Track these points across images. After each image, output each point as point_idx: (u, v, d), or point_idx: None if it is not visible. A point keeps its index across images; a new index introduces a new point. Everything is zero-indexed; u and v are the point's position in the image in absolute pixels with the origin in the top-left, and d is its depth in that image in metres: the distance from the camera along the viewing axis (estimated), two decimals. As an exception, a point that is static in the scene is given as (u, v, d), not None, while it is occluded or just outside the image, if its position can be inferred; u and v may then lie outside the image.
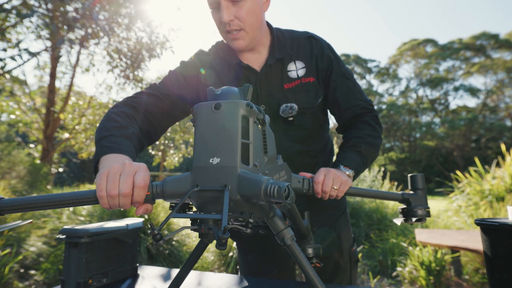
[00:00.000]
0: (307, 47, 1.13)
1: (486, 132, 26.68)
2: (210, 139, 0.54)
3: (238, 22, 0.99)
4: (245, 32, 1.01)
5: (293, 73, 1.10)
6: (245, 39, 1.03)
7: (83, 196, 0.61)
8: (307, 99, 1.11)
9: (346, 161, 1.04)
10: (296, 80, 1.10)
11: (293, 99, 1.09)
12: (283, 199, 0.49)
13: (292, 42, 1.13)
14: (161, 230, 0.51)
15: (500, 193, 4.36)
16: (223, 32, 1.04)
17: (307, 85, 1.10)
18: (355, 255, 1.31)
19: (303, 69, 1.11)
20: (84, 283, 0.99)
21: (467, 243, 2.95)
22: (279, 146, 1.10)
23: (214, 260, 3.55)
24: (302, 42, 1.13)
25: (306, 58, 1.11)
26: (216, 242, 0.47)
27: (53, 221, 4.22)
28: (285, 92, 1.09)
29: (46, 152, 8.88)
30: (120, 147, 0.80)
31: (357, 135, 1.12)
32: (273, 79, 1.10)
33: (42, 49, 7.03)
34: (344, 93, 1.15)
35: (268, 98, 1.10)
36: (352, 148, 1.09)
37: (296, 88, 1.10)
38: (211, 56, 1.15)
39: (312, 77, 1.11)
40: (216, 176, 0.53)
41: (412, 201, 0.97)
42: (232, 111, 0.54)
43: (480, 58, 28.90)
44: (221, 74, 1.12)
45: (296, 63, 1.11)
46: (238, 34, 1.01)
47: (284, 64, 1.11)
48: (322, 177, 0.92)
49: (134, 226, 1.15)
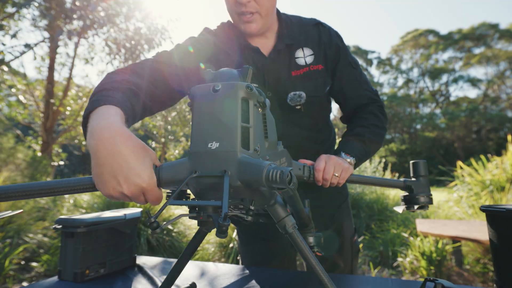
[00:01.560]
0: (315, 34, 1.09)
1: (487, 123, 26.61)
2: (209, 123, 0.52)
3: (255, 4, 0.96)
4: (260, 15, 0.98)
5: (301, 60, 1.07)
6: (258, 23, 1.00)
7: (81, 183, 0.57)
8: (315, 87, 1.08)
9: (348, 148, 1.02)
10: (304, 68, 1.07)
11: (301, 87, 1.06)
12: (286, 184, 0.46)
13: (300, 28, 1.10)
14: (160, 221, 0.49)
15: (501, 183, 4.34)
16: (236, 13, 0.99)
17: (316, 72, 1.07)
18: (356, 245, 1.31)
19: (311, 56, 1.07)
20: (81, 273, 0.98)
21: (468, 233, 2.94)
22: (286, 133, 1.08)
23: (215, 251, 3.55)
24: (310, 29, 1.10)
25: (314, 45, 1.08)
26: (216, 230, 0.45)
27: (53, 213, 4.22)
28: (293, 79, 1.06)
29: (46, 144, 8.86)
30: (110, 98, 0.66)
31: (361, 124, 1.09)
32: (281, 65, 1.06)
33: (40, 41, 6.97)
34: (350, 82, 1.12)
35: (275, 85, 1.06)
36: (355, 136, 1.06)
37: (304, 75, 1.07)
38: (218, 35, 1.10)
39: (320, 65, 1.08)
40: (215, 162, 0.51)
41: (414, 188, 0.95)
42: (231, 93, 0.52)
43: (480, 48, 28.71)
44: (226, 54, 1.07)
45: (304, 50, 1.07)
46: (252, 17, 0.98)
47: (292, 51, 1.07)
48: (323, 164, 0.89)
49: (132, 216, 1.13)
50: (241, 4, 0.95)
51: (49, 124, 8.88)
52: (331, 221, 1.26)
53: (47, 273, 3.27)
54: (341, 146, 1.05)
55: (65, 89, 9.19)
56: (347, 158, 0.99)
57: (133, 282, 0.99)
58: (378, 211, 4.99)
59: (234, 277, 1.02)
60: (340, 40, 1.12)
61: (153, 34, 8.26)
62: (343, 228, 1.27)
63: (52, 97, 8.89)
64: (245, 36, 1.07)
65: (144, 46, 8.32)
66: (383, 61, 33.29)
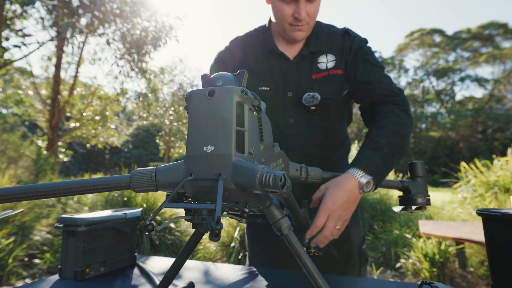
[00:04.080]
0: (340, 43, 1.14)
1: (493, 123, 26.41)
2: (204, 127, 0.52)
3: (308, 18, 1.05)
4: (309, 26, 1.08)
5: (323, 65, 1.13)
6: (306, 32, 1.09)
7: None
8: (332, 90, 1.11)
9: (363, 162, 0.91)
10: (324, 71, 1.12)
11: (318, 89, 1.10)
12: (278, 188, 0.47)
13: (328, 37, 1.15)
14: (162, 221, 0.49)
15: (506, 184, 4.31)
16: (287, 23, 1.06)
17: (334, 76, 1.12)
18: (364, 254, 1.26)
19: (333, 61, 1.13)
20: (81, 271, 0.99)
21: (472, 235, 2.92)
22: (300, 135, 1.13)
23: (216, 251, 3.56)
24: (337, 38, 1.15)
25: (337, 52, 1.13)
26: (210, 233, 0.45)
27: (57, 210, 4.25)
28: (312, 82, 1.11)
29: (52, 142, 8.94)
30: None
31: (378, 125, 1.00)
32: (303, 68, 1.13)
33: (48, 40, 7.03)
34: (368, 76, 1.10)
35: (295, 86, 1.13)
36: (371, 144, 0.95)
37: (323, 78, 1.12)
38: (248, 43, 1.19)
39: (340, 70, 1.12)
40: (210, 165, 0.51)
41: (411, 189, 0.94)
42: (226, 98, 0.52)
43: (487, 48, 28.47)
44: (252, 60, 1.16)
45: (328, 56, 1.13)
46: (303, 27, 1.06)
47: (315, 57, 1.13)
48: (322, 221, 0.83)
49: (132, 215, 1.14)
50: (297, 19, 1.04)
51: (55, 122, 8.95)
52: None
53: (50, 270, 3.30)
54: (355, 159, 0.94)
55: (71, 87, 9.26)
56: (361, 178, 0.88)
57: (132, 281, 1.00)
58: (381, 212, 4.97)
59: (232, 277, 1.03)
60: (362, 44, 1.14)
61: (159, 33, 8.30)
62: (351, 235, 1.21)
63: (58, 95, 8.96)
64: (275, 39, 1.16)
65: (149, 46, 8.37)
66: (385, 60, 33.12)
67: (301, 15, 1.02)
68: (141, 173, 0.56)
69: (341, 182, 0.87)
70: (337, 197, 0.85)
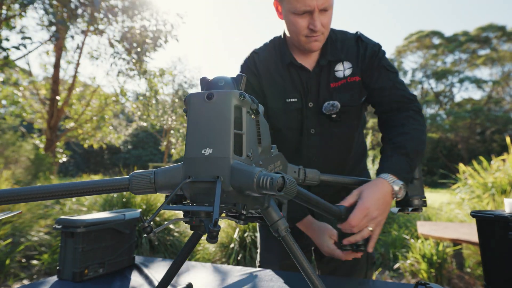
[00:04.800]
0: (354, 49, 1.15)
1: (491, 124, 26.47)
2: (203, 130, 0.53)
3: (322, 29, 1.05)
4: (324, 36, 1.08)
5: (340, 73, 1.14)
6: (321, 42, 1.09)
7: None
8: (351, 97, 1.13)
9: (394, 168, 0.94)
10: (342, 80, 1.13)
11: (337, 97, 1.12)
12: (275, 190, 0.47)
13: (342, 44, 1.16)
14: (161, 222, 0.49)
15: (503, 186, 4.32)
16: (303, 36, 1.07)
17: (352, 84, 1.13)
18: (372, 257, 1.27)
19: (350, 69, 1.14)
20: (80, 273, 0.99)
21: (469, 236, 2.93)
22: (322, 144, 1.15)
23: (216, 252, 3.56)
24: (352, 45, 1.16)
25: (353, 59, 1.14)
26: (207, 235, 0.46)
27: (55, 211, 4.25)
28: (331, 90, 1.13)
29: (50, 142, 8.92)
30: None
31: (401, 131, 1.03)
32: (322, 78, 1.14)
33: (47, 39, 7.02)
34: (383, 82, 1.12)
35: (315, 96, 1.14)
36: (398, 150, 0.98)
37: (341, 87, 1.13)
38: (266, 54, 1.20)
39: (357, 77, 1.13)
40: (208, 167, 0.52)
41: (408, 191, 0.96)
42: (224, 101, 0.53)
43: (486, 50, 28.55)
44: (275, 73, 1.17)
45: (344, 63, 1.14)
46: (318, 37, 1.07)
47: (332, 65, 1.15)
48: (358, 220, 0.85)
49: (131, 216, 1.15)
50: (313, 31, 1.04)
51: (53, 122, 8.94)
52: None
53: (47, 271, 3.30)
54: (385, 164, 0.97)
55: (70, 87, 9.25)
56: (394, 185, 0.91)
57: (131, 282, 1.01)
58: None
59: (232, 278, 1.03)
60: (376, 49, 1.15)
61: (159, 32, 8.30)
62: None
63: (57, 95, 8.94)
64: (291, 51, 1.17)
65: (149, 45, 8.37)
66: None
67: (317, 26, 1.02)
68: (140, 176, 0.57)
69: (376, 185, 0.90)
70: (375, 198, 0.87)
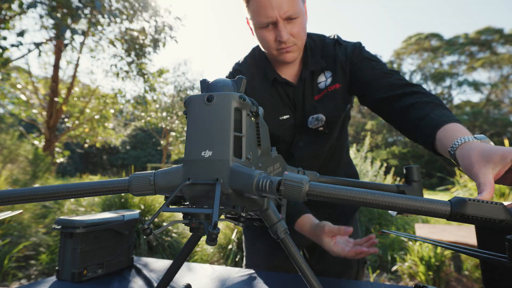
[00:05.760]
0: (333, 55, 1.11)
1: (490, 127, 26.53)
2: (202, 132, 0.53)
3: (293, 39, 1.00)
4: (297, 46, 1.03)
5: (322, 84, 1.10)
6: (296, 53, 1.04)
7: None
8: (335, 108, 1.10)
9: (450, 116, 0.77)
10: (323, 90, 1.10)
11: (321, 109, 1.09)
12: (274, 193, 0.47)
13: (322, 51, 1.12)
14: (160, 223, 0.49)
15: (501, 189, 4.33)
16: (274, 49, 1.03)
17: (333, 93, 1.09)
18: (364, 261, 1.27)
19: (330, 78, 1.10)
20: (79, 273, 0.99)
21: (467, 238, 2.94)
22: (309, 154, 1.14)
23: (214, 253, 3.56)
24: (330, 50, 1.12)
25: (334, 66, 1.10)
26: (206, 238, 0.46)
27: (54, 211, 4.24)
28: (314, 103, 1.10)
29: (49, 142, 8.91)
30: None
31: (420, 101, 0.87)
32: (306, 91, 1.11)
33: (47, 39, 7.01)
34: (376, 71, 1.03)
35: (301, 110, 1.11)
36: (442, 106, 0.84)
37: (323, 97, 1.10)
38: (249, 71, 1.16)
39: (338, 84, 1.09)
40: (208, 170, 0.52)
41: (407, 193, 0.95)
42: (224, 104, 0.53)
43: (485, 53, 28.65)
44: (263, 91, 1.13)
45: (325, 73, 1.11)
46: (291, 48, 1.02)
47: (314, 76, 1.11)
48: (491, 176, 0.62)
49: (130, 217, 1.15)
50: (281, 42, 1.00)
51: (52, 122, 8.93)
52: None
53: (45, 271, 3.29)
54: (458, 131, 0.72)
55: (69, 87, 9.24)
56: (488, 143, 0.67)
57: (129, 282, 1.01)
58: (378, 215, 4.98)
59: (230, 279, 1.03)
60: (357, 51, 1.10)
61: (159, 34, 8.31)
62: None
63: (56, 96, 8.94)
64: (273, 64, 1.13)
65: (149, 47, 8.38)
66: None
67: (283, 37, 0.97)
68: (139, 177, 0.57)
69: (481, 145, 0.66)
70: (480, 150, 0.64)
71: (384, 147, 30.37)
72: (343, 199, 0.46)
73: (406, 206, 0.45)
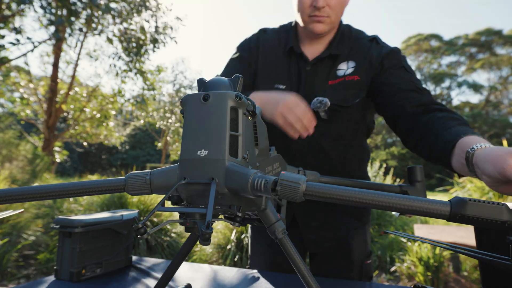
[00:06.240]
0: (365, 48, 1.08)
1: (489, 128, 26.57)
2: (198, 131, 0.53)
3: (328, 10, 1.01)
4: (330, 19, 1.03)
5: (341, 71, 1.07)
6: (326, 26, 1.04)
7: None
8: (343, 97, 1.05)
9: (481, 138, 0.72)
10: (340, 78, 1.07)
11: (331, 95, 1.04)
12: (269, 193, 0.47)
13: (355, 42, 1.10)
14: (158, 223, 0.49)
15: (501, 190, 4.33)
16: (307, 15, 1.03)
17: (350, 83, 1.05)
18: (368, 270, 1.15)
19: (352, 68, 1.07)
20: (77, 272, 0.99)
21: (466, 239, 2.94)
22: (309, 142, 1.07)
23: (212, 253, 3.56)
24: (363, 43, 1.10)
25: (360, 58, 1.07)
26: (200, 238, 0.45)
27: (53, 211, 4.23)
28: (327, 88, 1.06)
29: (48, 142, 8.90)
30: None
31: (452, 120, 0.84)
32: (321, 72, 1.08)
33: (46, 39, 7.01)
34: (405, 81, 0.99)
35: (309, 89, 1.08)
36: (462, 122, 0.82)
37: (338, 85, 1.06)
38: (272, 35, 1.17)
39: (357, 76, 1.05)
40: (203, 169, 0.52)
41: (410, 194, 0.94)
42: (220, 102, 0.53)
43: (484, 54, 28.69)
44: (273, 56, 1.13)
45: (349, 62, 1.08)
46: (323, 18, 1.02)
47: (336, 62, 1.08)
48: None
49: (129, 217, 1.15)
50: (316, 8, 1.01)
51: (51, 122, 8.91)
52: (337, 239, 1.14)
53: (44, 270, 3.29)
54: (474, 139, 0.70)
55: (68, 87, 9.24)
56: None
57: (128, 282, 1.00)
58: (377, 216, 4.98)
59: (229, 279, 1.03)
60: (394, 55, 1.06)
61: (159, 34, 8.32)
62: (352, 247, 1.13)
63: (56, 95, 8.93)
64: (300, 37, 1.13)
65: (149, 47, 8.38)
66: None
67: (319, 3, 0.98)
68: (136, 176, 0.57)
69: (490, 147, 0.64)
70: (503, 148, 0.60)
71: (384, 147, 30.39)
72: (341, 199, 0.46)
73: (403, 206, 0.44)
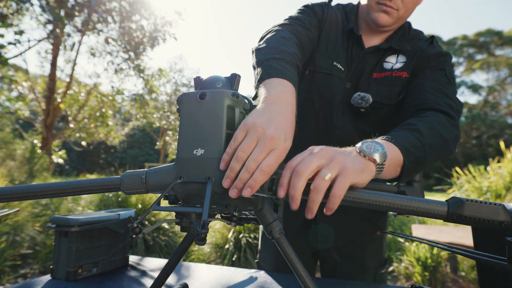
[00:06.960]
0: (418, 46, 1.02)
1: (487, 129, 26.63)
2: (195, 130, 0.53)
3: (399, 2, 0.95)
4: (397, 14, 0.97)
5: (389, 64, 1.01)
6: (392, 19, 0.98)
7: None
8: (388, 94, 0.98)
9: (391, 136, 0.70)
10: (387, 71, 1.00)
11: (374, 90, 0.99)
12: (266, 192, 0.47)
13: (411, 41, 1.05)
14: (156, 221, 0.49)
15: (498, 190, 4.34)
16: (375, 1, 0.97)
17: (396, 79, 0.99)
18: (382, 280, 1.10)
19: (402, 63, 1.01)
20: (73, 272, 0.98)
21: (464, 239, 2.95)
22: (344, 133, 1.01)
23: (210, 252, 3.56)
24: (420, 44, 1.04)
25: (411, 55, 1.01)
26: (195, 237, 0.45)
27: (51, 210, 4.22)
28: (370, 80, 1.00)
29: (46, 141, 8.88)
30: (290, 74, 0.69)
31: (419, 118, 0.83)
32: (368, 62, 1.02)
33: (44, 38, 6.99)
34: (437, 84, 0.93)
35: (356, 79, 1.02)
36: (405, 126, 0.79)
37: (383, 79, 1.00)
38: (335, 11, 1.09)
39: (405, 73, 0.99)
40: (200, 168, 0.51)
41: (408, 194, 0.94)
42: (217, 101, 0.52)
43: (483, 55, 28.77)
44: (334, 33, 1.06)
45: (399, 57, 1.02)
46: (391, 10, 0.96)
47: (385, 54, 1.03)
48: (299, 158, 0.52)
49: (126, 216, 1.14)
50: None
51: (49, 121, 8.89)
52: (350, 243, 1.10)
53: (41, 270, 3.28)
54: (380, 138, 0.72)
55: (67, 86, 9.21)
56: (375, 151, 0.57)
57: (125, 281, 1.00)
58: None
59: (226, 279, 1.03)
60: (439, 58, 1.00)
61: (157, 32, 8.31)
62: (365, 255, 1.08)
63: (53, 94, 8.90)
64: (361, 25, 1.06)
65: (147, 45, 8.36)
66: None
67: None
68: (131, 175, 0.56)
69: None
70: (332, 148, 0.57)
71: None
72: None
73: (400, 206, 0.44)
